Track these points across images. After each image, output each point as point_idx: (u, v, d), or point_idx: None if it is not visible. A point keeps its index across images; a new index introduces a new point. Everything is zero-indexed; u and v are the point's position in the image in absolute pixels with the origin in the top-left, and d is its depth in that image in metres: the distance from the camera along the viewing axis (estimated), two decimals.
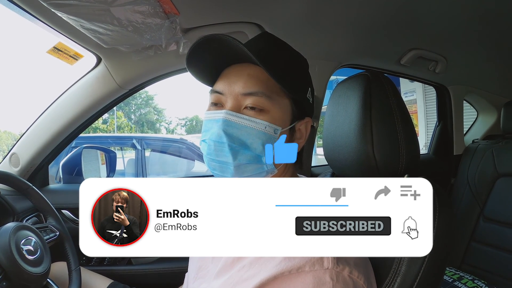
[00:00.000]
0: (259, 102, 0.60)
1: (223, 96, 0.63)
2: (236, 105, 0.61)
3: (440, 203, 0.68)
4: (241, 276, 0.56)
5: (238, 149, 0.60)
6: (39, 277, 0.85)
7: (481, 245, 1.71)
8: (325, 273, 0.50)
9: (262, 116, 0.60)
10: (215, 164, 0.62)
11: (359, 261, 0.55)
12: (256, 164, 0.61)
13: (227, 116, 0.60)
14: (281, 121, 0.63)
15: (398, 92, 0.78)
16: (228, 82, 0.63)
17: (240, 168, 0.61)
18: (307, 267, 0.50)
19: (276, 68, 0.59)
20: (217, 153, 0.60)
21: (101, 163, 1.86)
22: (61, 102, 1.29)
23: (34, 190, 1.08)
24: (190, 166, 3.81)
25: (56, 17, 0.83)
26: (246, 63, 0.64)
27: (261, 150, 0.61)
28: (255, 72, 0.62)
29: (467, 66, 1.74)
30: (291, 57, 0.70)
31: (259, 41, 0.69)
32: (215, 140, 0.60)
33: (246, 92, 0.61)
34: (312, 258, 0.51)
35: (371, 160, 0.74)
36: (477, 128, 2.30)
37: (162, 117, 31.24)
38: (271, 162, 0.62)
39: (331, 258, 0.51)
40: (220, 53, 0.63)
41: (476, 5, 1.13)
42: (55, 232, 1.05)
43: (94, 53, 1.13)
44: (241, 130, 0.60)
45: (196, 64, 0.67)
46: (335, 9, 1.08)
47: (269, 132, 0.61)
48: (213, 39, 0.60)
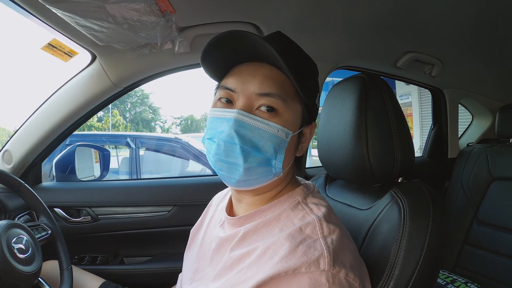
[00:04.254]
0: (274, 104, 0.59)
1: (235, 93, 0.61)
2: (249, 105, 0.59)
3: (434, 207, 0.68)
4: (239, 278, 0.55)
5: (249, 151, 0.58)
6: (30, 276, 0.84)
7: (475, 248, 1.72)
8: (321, 274, 0.50)
9: (275, 119, 0.59)
10: (223, 164, 0.60)
11: (355, 263, 0.55)
12: (266, 167, 0.60)
13: (240, 116, 0.58)
14: (293, 125, 0.62)
15: (394, 94, 0.78)
16: (242, 80, 0.61)
17: (249, 171, 0.59)
18: (303, 268, 0.50)
19: (296, 71, 0.58)
20: (227, 153, 0.58)
21: (94, 161, 1.84)
22: (55, 99, 1.28)
23: (27, 187, 1.07)
24: (185, 166, 3.79)
25: (50, 13, 0.83)
26: (260, 62, 0.62)
27: (272, 153, 0.59)
28: (271, 73, 0.61)
29: (462, 69, 1.75)
30: (305, 61, 0.68)
31: (275, 41, 0.63)
32: (225, 140, 0.58)
33: (262, 93, 0.59)
34: (309, 259, 0.50)
35: (365, 162, 0.74)
36: (472, 132, 2.32)
37: (157, 115, 31.18)
38: (281, 166, 0.61)
39: (328, 259, 0.51)
40: (237, 50, 0.61)
41: (472, 9, 1.14)
42: (47, 231, 1.04)
43: (88, 50, 1.12)
44: (254, 132, 0.58)
45: (209, 58, 0.64)
46: (332, 10, 1.08)
47: (281, 136, 0.59)
48: (237, 35, 0.58)
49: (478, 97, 2.11)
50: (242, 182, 0.62)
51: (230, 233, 0.66)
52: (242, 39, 0.58)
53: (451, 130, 2.04)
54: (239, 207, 0.70)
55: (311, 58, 0.70)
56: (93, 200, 1.41)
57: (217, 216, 0.79)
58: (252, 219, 0.64)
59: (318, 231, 0.56)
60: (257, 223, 0.63)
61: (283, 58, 0.55)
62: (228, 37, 0.59)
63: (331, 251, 0.52)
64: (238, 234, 0.64)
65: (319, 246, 0.52)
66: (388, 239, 0.67)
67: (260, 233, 0.61)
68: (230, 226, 0.68)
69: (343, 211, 0.85)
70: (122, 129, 23.97)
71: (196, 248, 0.79)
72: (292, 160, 0.66)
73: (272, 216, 0.63)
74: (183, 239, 0.89)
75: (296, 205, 0.63)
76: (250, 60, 0.63)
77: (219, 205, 0.82)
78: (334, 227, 0.57)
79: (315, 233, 0.55)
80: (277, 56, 0.55)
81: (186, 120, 32.36)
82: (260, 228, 0.62)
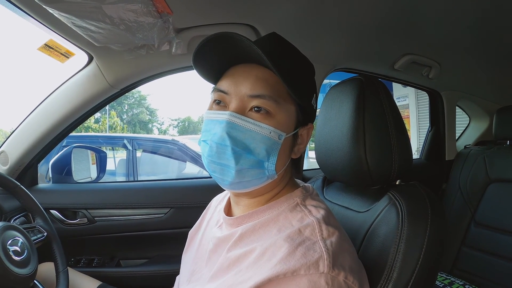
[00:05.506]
0: (266, 106, 0.59)
1: (228, 96, 0.61)
2: (241, 107, 0.59)
3: (432, 210, 0.68)
4: (237, 279, 0.55)
5: (241, 153, 0.58)
6: (26, 278, 0.83)
7: (472, 250, 1.72)
8: (320, 277, 0.49)
9: (267, 121, 0.59)
10: (216, 166, 0.60)
11: (354, 266, 0.55)
12: (258, 169, 0.60)
13: (232, 118, 0.58)
14: (286, 126, 0.61)
15: (391, 97, 0.78)
16: (234, 82, 0.61)
17: (242, 173, 0.59)
18: (303, 271, 0.50)
19: (286, 72, 0.57)
20: (219, 155, 0.59)
21: (91, 163, 1.83)
22: (51, 100, 1.27)
23: (22, 189, 1.06)
24: (182, 167, 3.78)
25: (47, 13, 0.82)
26: (253, 63, 0.62)
27: (264, 155, 0.59)
28: (263, 74, 0.60)
29: (460, 72, 1.76)
30: (299, 61, 0.68)
31: (268, 42, 0.66)
32: (217, 142, 0.58)
33: (253, 94, 0.59)
34: (308, 261, 0.50)
35: (363, 165, 0.74)
36: (469, 134, 2.33)
37: (154, 117, 31.15)
38: (273, 168, 0.61)
39: (327, 262, 0.50)
40: (227, 51, 0.61)
41: (469, 12, 1.14)
42: (42, 233, 1.03)
43: (85, 51, 1.11)
44: (245, 134, 0.58)
45: (202, 60, 0.65)
46: (330, 12, 1.08)
47: (274, 137, 0.59)
48: (224, 36, 0.57)
49: (475, 99, 2.12)
50: (235, 184, 0.61)
51: (227, 233, 0.66)
52: (229, 40, 0.58)
53: (448, 132, 2.05)
54: (237, 208, 0.70)
55: (307, 58, 0.70)
56: (90, 202, 1.40)
57: (215, 217, 0.78)
58: (250, 220, 0.64)
59: (317, 233, 0.55)
60: (254, 223, 0.63)
61: (270, 59, 0.54)
62: (216, 40, 0.59)
63: (331, 253, 0.52)
64: (235, 235, 0.63)
65: (319, 248, 0.52)
66: (386, 242, 0.67)
67: (257, 233, 0.61)
68: (227, 226, 0.68)
69: (341, 213, 0.85)
70: (119, 131, 23.90)
71: (194, 250, 0.79)
72: (288, 162, 0.66)
73: (270, 217, 0.62)
74: (180, 241, 0.89)
75: (295, 206, 0.63)
76: (244, 61, 0.63)
77: (217, 207, 0.82)
78: (334, 230, 0.57)
79: (314, 235, 0.55)
80: (263, 56, 0.54)
81: (183, 122, 32.34)
82: (258, 228, 0.62)
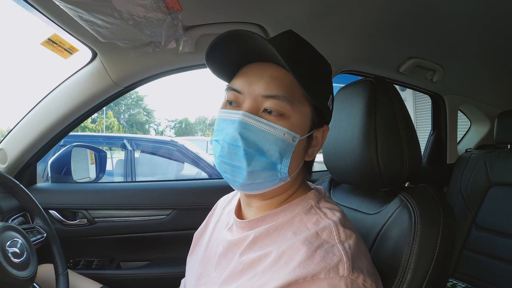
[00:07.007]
0: (280, 107, 0.57)
1: (241, 95, 0.59)
2: (255, 107, 0.58)
3: (444, 211, 0.68)
4: (253, 284, 0.54)
5: (253, 155, 0.56)
6: (25, 281, 0.80)
7: (473, 253, 1.72)
8: (340, 280, 0.49)
9: (281, 122, 0.57)
10: (227, 167, 0.59)
11: (370, 269, 0.54)
12: (270, 171, 0.58)
13: (245, 118, 0.56)
14: (301, 128, 0.60)
15: (401, 99, 0.78)
16: (248, 82, 0.59)
17: (253, 174, 0.58)
18: (322, 275, 0.49)
19: (302, 72, 0.56)
20: (231, 156, 0.57)
21: (90, 163, 1.81)
22: (52, 98, 1.25)
23: (21, 188, 1.04)
24: (180, 169, 3.75)
25: (53, 6, 0.80)
26: (268, 62, 0.61)
27: (277, 157, 0.57)
28: (278, 74, 0.59)
29: (463, 76, 1.76)
30: (316, 61, 0.66)
31: (284, 40, 0.63)
32: (229, 142, 0.56)
33: (267, 95, 0.57)
34: (328, 265, 0.49)
35: (375, 167, 0.74)
36: (470, 138, 2.34)
37: (151, 118, 31.11)
38: (286, 171, 0.59)
39: (347, 265, 0.49)
40: (242, 50, 0.59)
41: (474, 17, 1.14)
42: (42, 234, 1.00)
43: (89, 47, 1.09)
44: (258, 135, 0.56)
45: (215, 58, 0.63)
46: (338, 15, 1.07)
47: (288, 139, 0.57)
48: (238, 34, 0.56)
49: (477, 104, 2.13)
50: (247, 185, 0.60)
51: (240, 237, 0.64)
52: (248, 39, 0.56)
53: (450, 136, 2.05)
54: (248, 210, 0.69)
55: (324, 58, 0.68)
56: (90, 202, 1.37)
57: (223, 220, 0.76)
58: (263, 223, 0.62)
59: (335, 236, 0.54)
60: (268, 226, 0.61)
61: (286, 58, 0.53)
62: (230, 37, 0.57)
63: (350, 256, 0.51)
64: (248, 238, 0.62)
65: (337, 252, 0.51)
66: (399, 244, 0.66)
67: (272, 237, 0.60)
68: (239, 230, 0.66)
69: (349, 215, 0.84)
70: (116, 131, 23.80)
71: (200, 252, 0.77)
72: (301, 164, 0.64)
73: (284, 220, 0.61)
74: (183, 244, 0.87)
75: (309, 209, 0.62)
76: (258, 60, 0.62)
77: (225, 208, 0.80)
78: (351, 232, 0.56)
79: (332, 238, 0.54)
80: (277, 55, 0.53)
81: (180, 123, 32.33)
82: (272, 232, 0.60)
